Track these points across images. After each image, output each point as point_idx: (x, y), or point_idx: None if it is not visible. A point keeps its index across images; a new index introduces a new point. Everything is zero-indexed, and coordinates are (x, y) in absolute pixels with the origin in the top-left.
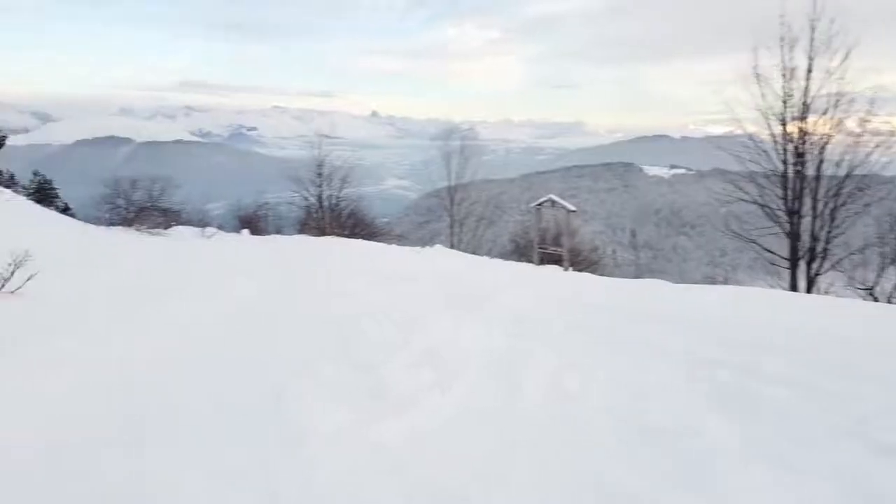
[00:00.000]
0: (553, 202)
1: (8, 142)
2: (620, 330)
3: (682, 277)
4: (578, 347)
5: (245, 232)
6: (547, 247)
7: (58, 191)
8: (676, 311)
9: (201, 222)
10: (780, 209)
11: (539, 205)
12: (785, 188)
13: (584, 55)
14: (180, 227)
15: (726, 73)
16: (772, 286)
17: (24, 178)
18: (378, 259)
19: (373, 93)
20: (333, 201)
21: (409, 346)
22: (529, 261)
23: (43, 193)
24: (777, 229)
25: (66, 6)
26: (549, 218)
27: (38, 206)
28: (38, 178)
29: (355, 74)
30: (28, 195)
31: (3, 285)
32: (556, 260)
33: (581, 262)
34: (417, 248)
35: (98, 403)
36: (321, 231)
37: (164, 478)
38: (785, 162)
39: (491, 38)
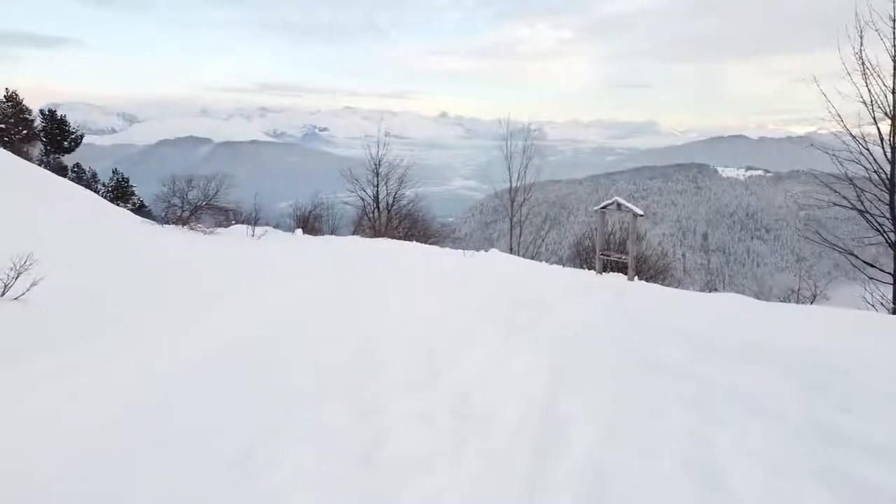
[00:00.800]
0: (619, 205)
1: (96, 142)
2: (701, 372)
3: (759, 286)
4: (643, 403)
5: (298, 232)
6: (610, 253)
7: (134, 189)
8: (775, 345)
9: (262, 221)
10: (883, 216)
11: (603, 208)
12: (892, 193)
13: (658, 53)
14: (238, 226)
15: (815, 68)
16: (870, 304)
17: (108, 176)
18: (427, 264)
19: (442, 93)
20: (390, 201)
21: (434, 383)
22: (592, 267)
23: (120, 191)
24: (878, 239)
25: (154, 13)
26: (614, 222)
27: (106, 203)
28: (117, 176)
29: (425, 75)
30: (107, 193)
31: (3, 292)
32: (621, 267)
33: (648, 269)
34: (471, 252)
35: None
36: (376, 232)
37: None
38: (893, 163)
39: (562, 38)
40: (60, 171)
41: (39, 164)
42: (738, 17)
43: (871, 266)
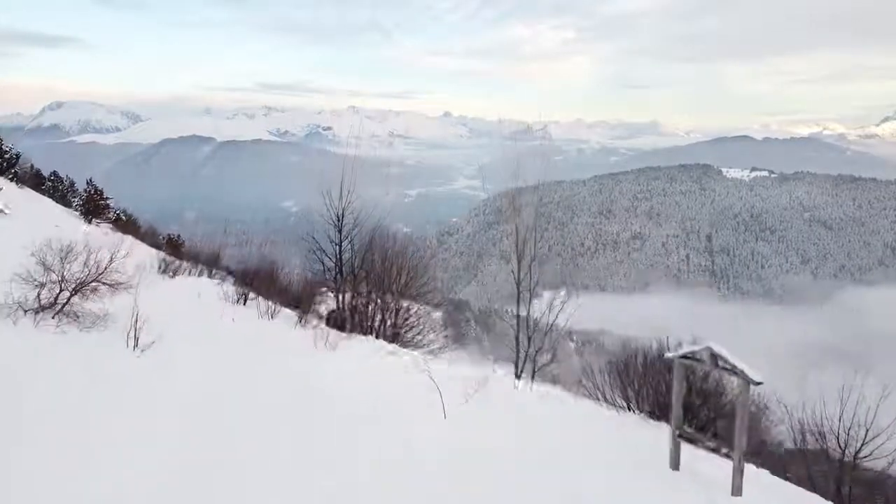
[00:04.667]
0: (715, 357)
1: (99, 140)
2: None
3: (764, 287)
4: None
5: (230, 311)
6: (701, 437)
7: (109, 202)
8: None
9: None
10: None
11: (685, 357)
12: None
13: (662, 53)
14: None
15: (816, 71)
16: None
17: (111, 177)
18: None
19: (445, 93)
20: (358, 263)
21: None
22: (653, 414)
23: (93, 205)
24: None
25: (156, 12)
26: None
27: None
28: (90, 188)
29: (428, 75)
30: (80, 206)
31: None
32: (707, 443)
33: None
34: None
35: None
36: (338, 319)
37: None
38: None
39: (565, 39)
40: (37, 179)
41: None
42: (739, 17)
43: None
